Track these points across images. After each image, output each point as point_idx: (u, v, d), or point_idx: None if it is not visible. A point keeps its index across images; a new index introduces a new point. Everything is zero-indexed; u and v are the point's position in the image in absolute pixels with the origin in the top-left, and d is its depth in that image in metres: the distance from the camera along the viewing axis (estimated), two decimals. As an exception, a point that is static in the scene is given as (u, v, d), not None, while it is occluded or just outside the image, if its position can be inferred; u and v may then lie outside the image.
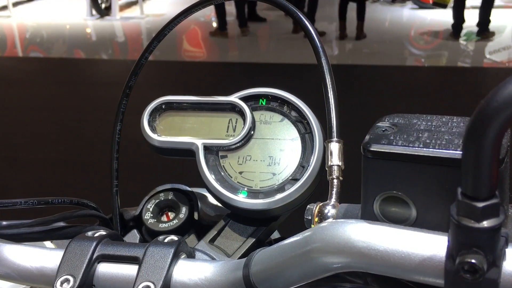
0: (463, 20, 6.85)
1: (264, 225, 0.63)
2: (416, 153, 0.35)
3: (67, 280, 0.49)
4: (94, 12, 9.21)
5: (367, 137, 0.39)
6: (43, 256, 0.53)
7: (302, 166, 0.61)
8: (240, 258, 0.61)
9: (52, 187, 3.44)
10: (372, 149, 0.37)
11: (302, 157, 0.62)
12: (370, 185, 0.38)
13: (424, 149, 0.35)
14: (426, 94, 4.59)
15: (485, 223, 0.30)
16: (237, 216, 0.64)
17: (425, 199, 0.37)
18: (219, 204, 0.72)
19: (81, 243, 0.52)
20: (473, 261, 0.30)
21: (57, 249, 0.54)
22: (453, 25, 6.91)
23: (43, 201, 0.60)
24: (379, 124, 0.40)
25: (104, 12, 9.14)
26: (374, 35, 7.12)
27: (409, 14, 8.93)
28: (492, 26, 6.81)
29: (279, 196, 0.60)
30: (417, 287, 0.38)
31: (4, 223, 0.57)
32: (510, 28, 7.29)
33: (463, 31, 6.97)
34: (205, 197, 0.74)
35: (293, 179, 0.61)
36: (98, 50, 7.45)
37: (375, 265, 0.36)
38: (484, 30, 6.75)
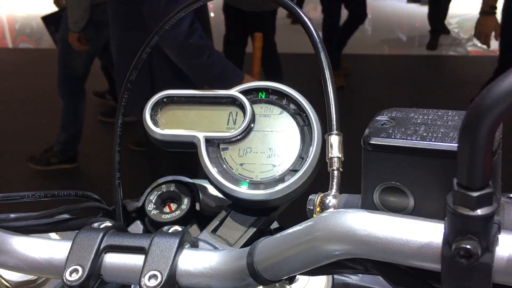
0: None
1: (264, 214, 0.65)
2: (414, 146, 0.38)
3: (76, 270, 0.50)
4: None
5: (367, 130, 0.41)
6: (52, 248, 0.54)
7: (301, 157, 0.63)
8: (242, 247, 0.63)
9: (47, 179, 3.44)
10: (372, 142, 0.39)
11: (301, 149, 0.64)
12: (370, 176, 0.40)
13: (422, 141, 0.38)
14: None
15: (479, 211, 0.32)
16: (238, 207, 0.65)
17: (422, 189, 0.39)
18: (220, 195, 0.74)
19: (88, 234, 0.53)
20: (468, 246, 0.32)
21: (64, 240, 0.55)
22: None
23: (50, 194, 0.61)
24: (378, 118, 0.42)
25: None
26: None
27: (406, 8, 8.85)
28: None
29: (279, 186, 0.61)
30: (415, 272, 0.40)
31: (12, 215, 0.58)
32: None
33: (455, 19, 6.96)
34: (206, 188, 0.75)
35: (293, 170, 0.63)
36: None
37: (376, 251, 0.38)
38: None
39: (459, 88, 4.80)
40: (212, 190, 0.75)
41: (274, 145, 0.65)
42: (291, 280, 0.53)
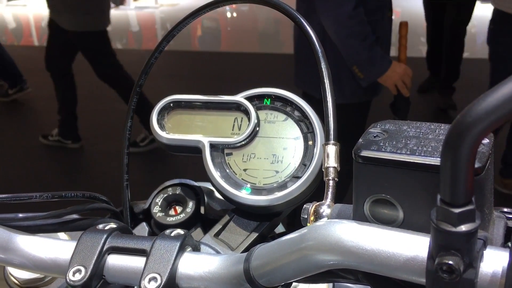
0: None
1: (267, 220, 0.66)
2: (402, 159, 0.38)
3: (79, 270, 0.51)
4: (108, 1, 9.28)
5: (358, 142, 0.41)
6: (57, 247, 0.56)
7: (304, 164, 0.64)
8: (243, 251, 0.64)
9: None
10: (362, 154, 0.40)
11: (304, 156, 0.64)
12: (360, 188, 0.41)
13: (410, 155, 0.38)
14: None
15: (462, 228, 0.32)
16: (241, 211, 0.66)
17: (411, 202, 0.39)
18: None
19: (92, 235, 0.54)
20: (450, 262, 0.32)
21: (70, 240, 0.57)
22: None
23: (57, 195, 0.62)
24: (371, 130, 0.43)
25: (119, 1, 9.20)
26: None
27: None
28: None
29: (281, 193, 0.62)
30: (404, 284, 0.40)
31: (21, 215, 0.60)
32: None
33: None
34: (212, 191, 0.76)
35: (295, 176, 0.63)
36: (113, 40, 7.48)
37: (363, 263, 0.38)
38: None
39: (481, 91, 4.70)
40: (217, 194, 0.76)
41: (278, 151, 0.65)
42: (287, 287, 0.53)
